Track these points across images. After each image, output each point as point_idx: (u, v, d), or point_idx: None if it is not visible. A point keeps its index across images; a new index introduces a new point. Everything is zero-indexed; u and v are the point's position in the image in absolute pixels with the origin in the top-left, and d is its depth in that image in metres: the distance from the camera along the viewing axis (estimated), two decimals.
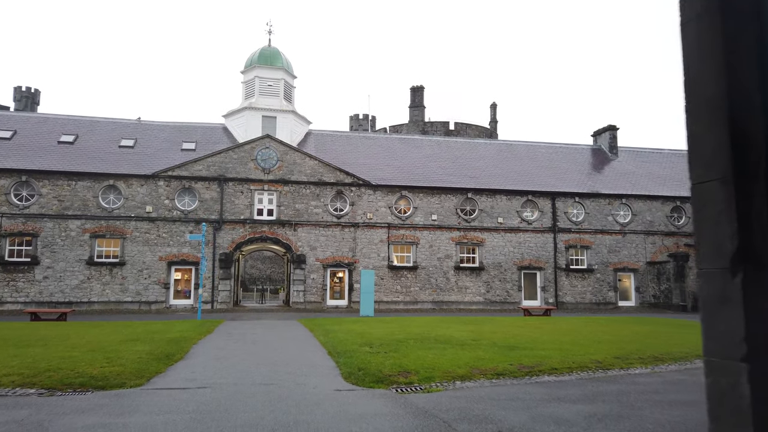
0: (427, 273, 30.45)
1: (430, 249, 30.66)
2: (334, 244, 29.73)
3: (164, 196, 28.52)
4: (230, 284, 28.67)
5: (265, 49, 34.15)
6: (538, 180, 33.00)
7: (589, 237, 32.28)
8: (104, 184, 28.03)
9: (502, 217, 31.50)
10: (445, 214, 31.00)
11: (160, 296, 27.92)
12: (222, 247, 28.68)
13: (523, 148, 36.35)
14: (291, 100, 34.35)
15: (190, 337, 12.48)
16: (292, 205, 29.52)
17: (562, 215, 32.13)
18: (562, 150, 36.88)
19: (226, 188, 29.02)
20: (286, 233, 29.30)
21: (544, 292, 31.52)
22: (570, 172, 34.47)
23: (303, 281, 29.14)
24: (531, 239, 31.70)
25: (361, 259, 29.89)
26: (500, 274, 31.18)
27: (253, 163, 29.40)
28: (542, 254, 31.70)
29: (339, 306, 29.46)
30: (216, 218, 28.66)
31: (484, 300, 30.76)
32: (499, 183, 32.12)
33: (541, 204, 31.98)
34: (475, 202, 31.38)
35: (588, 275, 32.05)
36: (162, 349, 10.30)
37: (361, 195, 30.26)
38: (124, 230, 27.95)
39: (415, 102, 59.10)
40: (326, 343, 11.75)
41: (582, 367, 8.86)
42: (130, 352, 9.92)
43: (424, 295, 30.20)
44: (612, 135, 37.22)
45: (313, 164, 29.95)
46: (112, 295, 27.51)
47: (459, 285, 30.69)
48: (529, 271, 31.61)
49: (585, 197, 32.43)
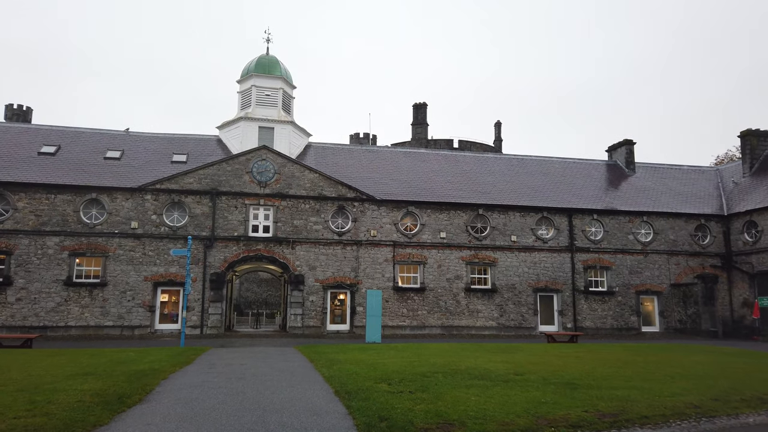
0: (436, 295, 28.11)
1: (438, 269, 28.37)
2: (335, 263, 27.43)
3: (151, 211, 26.29)
4: (222, 307, 26.26)
5: (263, 57, 32.29)
6: (552, 196, 30.89)
7: (608, 257, 30.04)
8: (86, 198, 25.80)
9: (515, 235, 29.29)
10: (454, 232, 28.79)
11: (144, 320, 25.48)
12: (213, 266, 26.34)
13: (535, 163, 34.32)
14: (290, 111, 32.38)
15: (162, 369, 10.16)
16: (290, 222, 27.29)
17: (580, 233, 29.95)
18: (576, 165, 34.87)
19: (219, 203, 26.81)
20: (283, 252, 27.01)
21: (562, 316, 29.15)
22: (586, 188, 32.39)
23: (301, 304, 26.75)
24: (547, 259, 29.45)
25: (365, 279, 27.57)
26: (514, 297, 28.84)
27: (249, 175, 27.26)
28: (559, 275, 29.41)
29: (340, 331, 27.03)
30: (207, 235, 26.39)
31: (498, 325, 28.37)
32: (511, 199, 29.98)
33: (557, 221, 29.81)
34: (487, 219, 29.21)
35: (608, 298, 29.73)
36: (117, 388, 7.99)
37: (364, 211, 28.07)
38: (107, 248, 25.64)
39: (417, 119, 57.34)
40: (331, 377, 9.43)
41: (679, 415, 6.63)
42: (72, 392, 7.61)
43: (432, 319, 27.81)
44: (628, 150, 35.25)
45: (313, 177, 27.81)
46: (92, 318, 25.06)
47: (470, 308, 28.33)
48: (546, 293, 29.29)
49: (603, 214, 30.29)
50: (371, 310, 19.57)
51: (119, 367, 10.19)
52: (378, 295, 19.97)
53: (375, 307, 19.56)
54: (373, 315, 19.49)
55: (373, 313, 19.51)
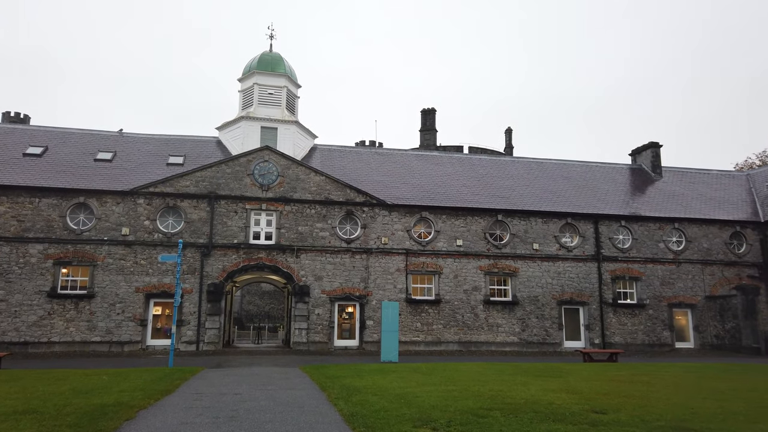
0: (452, 308, 25.87)
1: (455, 279, 26.15)
2: (343, 273, 25.24)
3: (144, 216, 24.20)
4: (220, 321, 24.06)
5: (266, 54, 30.37)
6: (576, 201, 28.73)
7: (638, 267, 27.79)
8: (73, 202, 23.73)
9: (537, 242, 27.09)
10: (471, 239, 26.61)
11: (135, 335, 23.29)
12: (211, 276, 24.19)
13: (555, 167, 32.20)
14: (294, 112, 30.38)
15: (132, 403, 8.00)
16: (294, 228, 25.16)
17: (607, 241, 27.73)
18: (599, 169, 32.73)
19: (218, 207, 24.72)
20: (287, 260, 24.85)
21: (589, 331, 26.85)
22: (611, 193, 30.23)
23: (306, 317, 24.54)
24: (572, 269, 27.21)
25: (375, 290, 25.37)
26: (537, 310, 26.57)
27: (250, 178, 25.18)
28: (585, 286, 27.15)
29: (348, 347, 24.78)
30: (205, 242, 24.26)
31: (519, 340, 26.08)
32: (532, 204, 27.82)
33: (582, 228, 27.61)
34: (506, 225, 27.03)
35: (639, 311, 27.43)
36: None
37: (374, 216, 25.94)
38: (95, 256, 23.52)
39: (426, 125, 55.39)
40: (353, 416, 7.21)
41: None
42: None
43: (448, 334, 25.55)
44: (654, 153, 33.13)
45: (319, 180, 25.72)
46: (77, 333, 22.88)
47: (489, 322, 26.06)
48: (571, 306, 27.02)
49: (632, 221, 28.09)
50: (387, 324, 17.33)
51: (78, 400, 8.03)
52: (395, 308, 17.73)
53: (391, 321, 17.31)
54: (389, 330, 17.24)
55: (389, 328, 17.25)
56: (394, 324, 17.39)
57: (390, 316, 17.39)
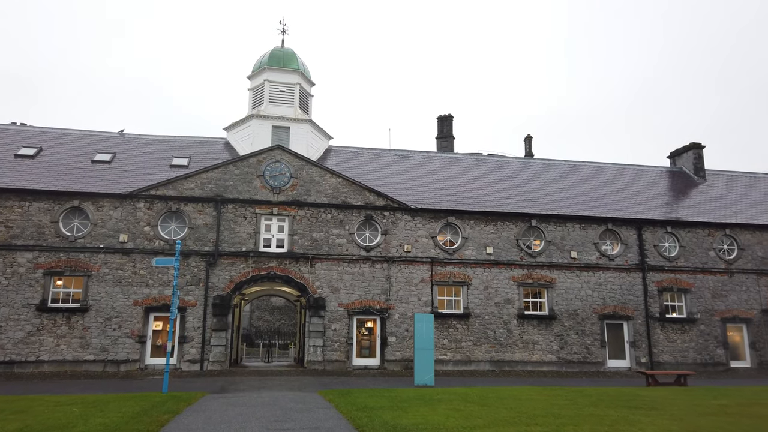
0: (483, 322, 23.35)
1: (485, 291, 23.67)
2: (362, 284, 22.86)
3: (144, 222, 22.02)
4: (227, 337, 21.70)
5: (278, 49, 28.34)
6: (616, 205, 26.24)
7: (686, 277, 25.17)
8: (67, 206, 21.61)
9: (575, 250, 24.58)
10: (503, 247, 24.16)
11: (132, 353, 20.98)
12: (217, 287, 21.90)
13: (590, 170, 29.77)
14: (308, 111, 28.26)
15: None
16: (308, 234, 22.86)
17: (651, 249, 25.17)
18: (636, 172, 30.25)
19: (225, 212, 22.50)
20: (300, 270, 22.52)
21: (635, 348, 24.18)
22: (652, 197, 27.71)
23: (322, 333, 22.13)
24: (614, 279, 24.64)
25: (397, 303, 22.94)
26: (576, 325, 23.98)
27: (260, 180, 22.98)
28: (629, 299, 24.55)
29: (369, 366, 22.32)
30: (210, 250, 22.01)
31: (558, 359, 23.48)
32: (569, 208, 25.36)
33: (624, 235, 25.08)
34: (541, 231, 24.57)
35: (689, 327, 24.75)
36: None
37: (396, 222, 23.59)
38: (90, 265, 21.32)
39: (443, 132, 53.04)
40: None
41: None
42: None
43: (479, 352, 23.01)
44: (696, 155, 30.63)
45: (335, 182, 23.46)
46: (69, 351, 20.61)
47: (524, 339, 23.50)
48: (614, 321, 24.40)
49: (678, 226, 25.52)
50: (421, 341, 14.82)
51: None
52: (429, 322, 15.24)
53: (425, 338, 14.80)
54: (423, 348, 14.74)
55: (423, 345, 14.75)
56: (429, 340, 14.91)
57: (424, 332, 14.90)
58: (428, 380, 14.41)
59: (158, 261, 13.94)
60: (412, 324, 22.72)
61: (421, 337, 14.82)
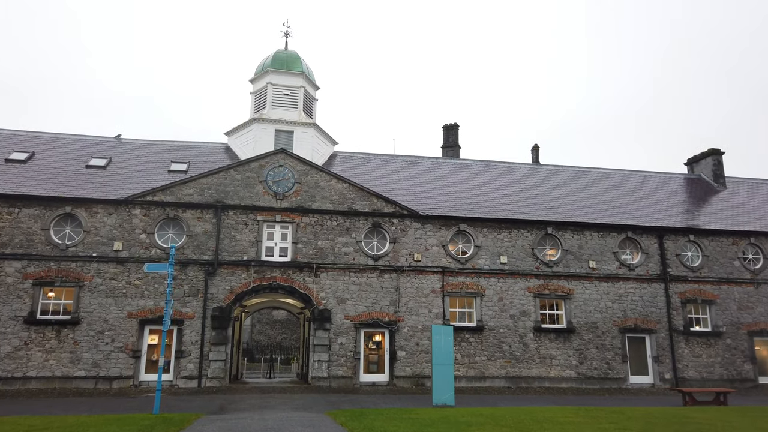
0: (497, 336, 22.07)
1: (499, 303, 22.42)
2: (369, 295, 21.63)
3: (140, 229, 20.86)
4: (226, 352, 20.43)
5: (281, 51, 27.38)
6: (635, 212, 25.07)
7: (711, 288, 23.91)
8: (58, 213, 20.48)
9: (594, 260, 23.36)
10: (517, 256, 22.95)
11: (126, 369, 19.70)
12: (216, 298, 20.67)
13: (605, 176, 28.64)
14: (312, 115, 27.21)
15: None
16: (313, 242, 21.68)
17: (673, 258, 23.94)
18: (653, 179, 29.10)
19: (225, 219, 21.34)
20: (304, 280, 21.31)
21: (658, 363, 22.85)
22: (672, 205, 26.55)
23: (327, 347, 20.86)
24: (635, 290, 23.39)
25: (407, 315, 21.69)
26: (596, 339, 22.69)
27: (262, 185, 21.85)
28: (651, 311, 23.28)
29: (377, 383, 21.01)
30: (209, 259, 20.83)
31: (577, 375, 22.15)
32: (586, 215, 24.19)
33: (644, 243, 23.86)
34: (557, 240, 23.37)
35: (714, 340, 23.44)
36: None
37: (405, 229, 22.42)
38: (82, 275, 20.13)
39: (448, 141, 51.80)
40: None
41: None
42: None
43: (494, 368, 21.70)
44: (716, 161, 29.52)
45: (341, 188, 22.33)
46: (58, 367, 19.35)
47: (541, 353, 22.20)
48: (635, 334, 23.10)
49: (701, 234, 24.31)
50: (440, 355, 13.51)
51: None
52: (448, 334, 13.95)
53: (445, 352, 13.48)
54: (442, 363, 13.43)
55: (442, 360, 13.44)
56: (448, 355, 13.62)
57: (443, 345, 13.61)
58: (447, 399, 13.11)
59: (150, 267, 12.75)
60: (422, 337, 21.50)
61: (439, 351, 13.53)
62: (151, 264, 12.57)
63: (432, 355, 13.82)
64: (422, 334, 21.56)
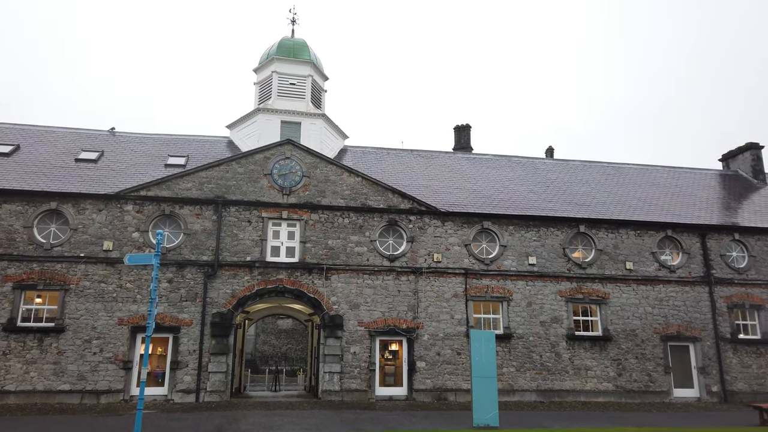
0: (527, 345, 19.97)
1: (528, 308, 20.33)
2: (385, 299, 19.59)
3: (133, 227, 18.92)
4: (227, 362, 18.38)
5: (287, 39, 25.56)
6: (673, 210, 23.02)
7: (759, 292, 21.78)
8: (43, 209, 18.56)
9: (631, 261, 21.28)
10: (547, 257, 20.90)
11: (116, 382, 17.67)
12: (216, 303, 18.67)
13: (636, 172, 26.61)
14: (320, 106, 25.32)
15: None
16: (323, 242, 19.69)
17: (717, 259, 21.84)
18: (688, 175, 27.05)
19: (226, 216, 19.39)
20: (313, 283, 19.29)
21: (704, 375, 20.68)
22: (711, 202, 24.49)
23: (339, 357, 18.79)
24: (676, 294, 21.28)
25: (426, 322, 19.62)
26: (635, 348, 20.55)
27: (267, 179, 19.92)
28: (695, 317, 21.15)
29: (394, 397, 18.92)
30: (209, 259, 18.85)
31: (615, 388, 20.00)
32: (620, 212, 22.16)
33: (685, 243, 21.78)
34: (590, 239, 21.32)
35: (765, 349, 21.28)
36: None
37: (423, 227, 20.41)
38: (68, 278, 18.17)
39: (460, 143, 49.94)
40: None
41: None
42: None
43: (523, 380, 19.56)
44: (755, 156, 27.48)
45: (353, 182, 20.37)
46: (40, 380, 17.33)
47: (575, 364, 20.07)
48: (678, 342, 20.96)
49: (747, 233, 22.23)
50: (481, 366, 11.30)
51: None
52: (490, 340, 11.75)
53: (486, 362, 11.30)
54: (484, 376, 11.27)
55: (484, 372, 11.27)
56: (491, 365, 11.48)
57: (484, 354, 11.46)
58: (491, 419, 10.94)
59: (132, 258, 10.72)
60: (444, 346, 19.45)
61: (480, 361, 11.37)
62: (133, 255, 10.61)
63: (471, 366, 11.70)
64: (444, 342, 19.50)
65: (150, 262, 10.35)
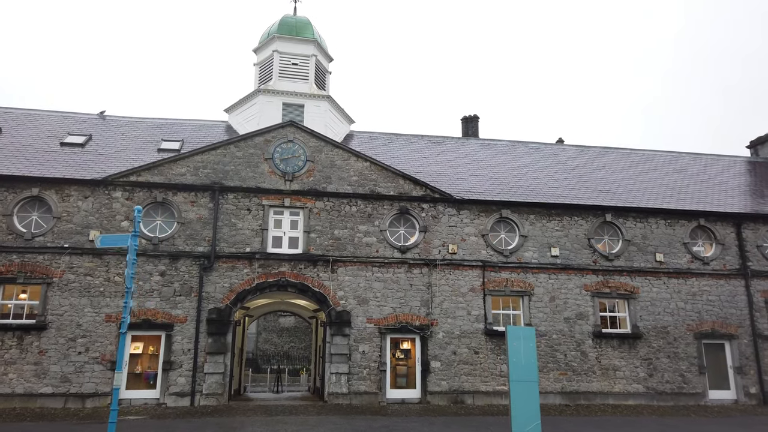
0: (550, 343, 18.39)
1: (551, 303, 18.75)
2: (396, 294, 18.02)
3: (122, 215, 17.36)
4: (225, 362, 16.83)
5: (289, 16, 23.95)
6: (705, 198, 21.42)
7: None
8: (24, 196, 17.02)
9: (661, 252, 19.69)
10: (571, 248, 19.31)
11: (102, 384, 16.13)
12: (213, 298, 17.11)
13: (661, 159, 24.98)
14: (325, 88, 23.71)
15: None
16: (328, 231, 18.12)
17: (754, 250, 20.25)
18: (715, 162, 25.41)
19: (224, 203, 17.82)
20: (318, 276, 17.72)
21: (741, 375, 19.11)
22: (743, 190, 22.89)
23: (347, 357, 17.23)
24: (710, 288, 19.69)
25: (441, 318, 18.06)
26: (667, 346, 18.97)
27: (268, 164, 18.34)
28: (731, 313, 19.56)
29: (407, 400, 17.37)
30: (205, 251, 17.29)
31: (646, 390, 18.43)
32: (649, 200, 20.56)
33: (719, 233, 20.19)
34: (617, 228, 19.74)
35: None
36: None
37: (437, 216, 18.83)
38: (50, 270, 16.62)
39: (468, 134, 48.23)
40: None
41: None
42: None
43: (546, 381, 17.98)
44: None
45: (361, 168, 18.78)
46: (20, 383, 15.81)
47: (602, 364, 18.49)
48: (712, 340, 19.38)
49: None
50: (519, 368, 9.59)
51: None
52: (530, 338, 10.04)
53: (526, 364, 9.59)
54: (523, 380, 9.56)
55: (523, 376, 9.56)
56: (531, 367, 9.82)
57: (523, 354, 9.78)
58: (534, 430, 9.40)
59: (105, 239, 9.08)
60: (460, 345, 17.91)
61: (518, 362, 9.71)
62: (107, 236, 9.01)
63: (509, 367, 10.07)
64: (460, 340, 17.94)
65: (125, 243, 8.75)
